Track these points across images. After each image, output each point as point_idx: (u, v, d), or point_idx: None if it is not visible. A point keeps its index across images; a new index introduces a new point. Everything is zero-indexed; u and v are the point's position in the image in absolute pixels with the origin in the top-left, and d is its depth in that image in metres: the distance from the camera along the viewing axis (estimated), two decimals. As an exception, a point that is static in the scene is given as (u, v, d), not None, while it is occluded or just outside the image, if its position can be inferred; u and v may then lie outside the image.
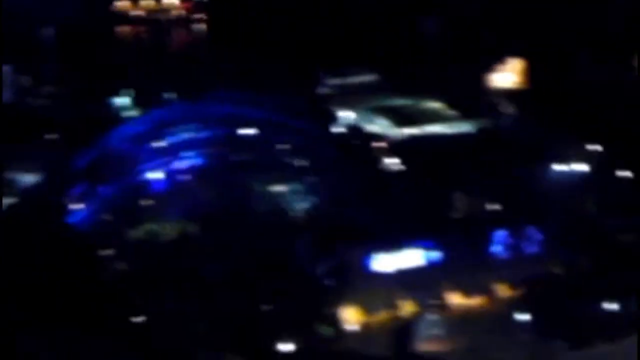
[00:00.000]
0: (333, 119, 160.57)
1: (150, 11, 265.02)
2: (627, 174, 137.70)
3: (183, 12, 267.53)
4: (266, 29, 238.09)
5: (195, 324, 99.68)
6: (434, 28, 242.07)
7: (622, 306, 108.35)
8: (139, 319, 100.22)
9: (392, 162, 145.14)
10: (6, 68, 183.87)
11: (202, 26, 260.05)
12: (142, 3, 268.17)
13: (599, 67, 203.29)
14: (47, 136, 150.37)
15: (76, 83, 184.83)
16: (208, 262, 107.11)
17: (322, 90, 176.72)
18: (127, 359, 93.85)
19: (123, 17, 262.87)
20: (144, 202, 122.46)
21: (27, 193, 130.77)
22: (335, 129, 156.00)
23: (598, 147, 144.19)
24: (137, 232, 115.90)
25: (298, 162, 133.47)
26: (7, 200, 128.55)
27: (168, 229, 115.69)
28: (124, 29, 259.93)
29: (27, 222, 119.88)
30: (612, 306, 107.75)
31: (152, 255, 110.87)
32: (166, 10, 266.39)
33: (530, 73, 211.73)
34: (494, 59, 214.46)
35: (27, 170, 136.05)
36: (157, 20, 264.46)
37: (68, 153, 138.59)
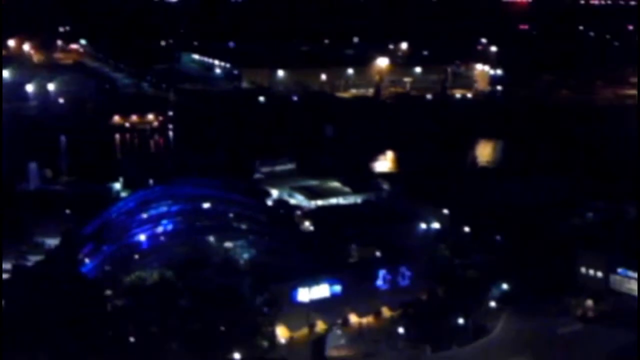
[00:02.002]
0: (266, 195, 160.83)
1: (136, 123, 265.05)
2: (467, 229, 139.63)
3: (157, 123, 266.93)
4: (216, 134, 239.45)
5: (171, 340, 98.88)
6: (333, 132, 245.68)
7: (466, 321, 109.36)
8: (130, 339, 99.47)
9: (307, 225, 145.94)
10: (33, 164, 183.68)
11: (175, 134, 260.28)
12: (132, 118, 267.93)
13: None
14: (65, 211, 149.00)
15: (85, 174, 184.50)
16: (180, 299, 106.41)
17: (257, 176, 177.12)
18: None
19: (118, 127, 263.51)
20: (134, 257, 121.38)
21: (50, 253, 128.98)
22: (267, 202, 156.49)
23: (447, 211, 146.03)
24: (130, 278, 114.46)
25: (242, 226, 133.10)
26: (35, 258, 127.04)
27: (154, 276, 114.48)
28: (119, 136, 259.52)
29: (52, 274, 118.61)
30: (460, 321, 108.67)
31: (141, 293, 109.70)
32: (147, 122, 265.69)
33: (401, 162, 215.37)
34: (376, 152, 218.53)
35: (51, 236, 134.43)
36: (141, 129, 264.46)
37: (79, 223, 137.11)
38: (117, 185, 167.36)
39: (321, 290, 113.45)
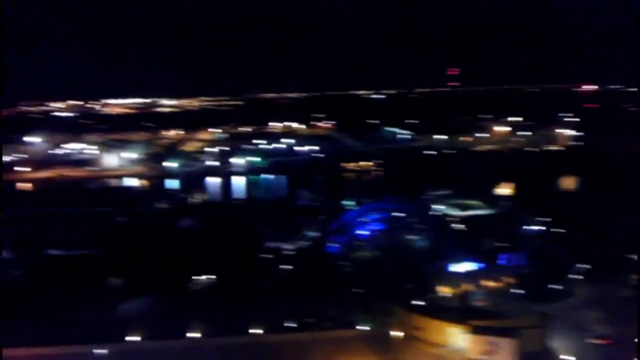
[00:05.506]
0: (430, 209, 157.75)
1: (358, 167, 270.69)
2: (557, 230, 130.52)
3: (370, 166, 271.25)
4: (400, 172, 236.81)
5: (378, 291, 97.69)
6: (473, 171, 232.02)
7: (565, 286, 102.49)
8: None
9: (460, 226, 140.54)
10: (302, 190, 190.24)
11: (380, 173, 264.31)
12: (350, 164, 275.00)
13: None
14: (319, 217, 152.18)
15: (331, 195, 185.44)
16: (385, 266, 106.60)
17: (425, 196, 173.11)
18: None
19: (349, 169, 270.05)
20: (358, 243, 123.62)
21: (312, 240, 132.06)
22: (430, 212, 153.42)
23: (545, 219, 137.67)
24: (355, 256, 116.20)
25: (418, 227, 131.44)
26: (305, 243, 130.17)
27: (368, 254, 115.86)
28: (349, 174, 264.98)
29: (313, 252, 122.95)
30: (553, 286, 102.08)
31: (364, 263, 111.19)
32: (364, 166, 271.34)
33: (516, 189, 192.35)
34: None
35: (313, 231, 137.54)
36: (361, 170, 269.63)
37: (327, 224, 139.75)
38: (348, 202, 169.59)
39: (468, 266, 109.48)
